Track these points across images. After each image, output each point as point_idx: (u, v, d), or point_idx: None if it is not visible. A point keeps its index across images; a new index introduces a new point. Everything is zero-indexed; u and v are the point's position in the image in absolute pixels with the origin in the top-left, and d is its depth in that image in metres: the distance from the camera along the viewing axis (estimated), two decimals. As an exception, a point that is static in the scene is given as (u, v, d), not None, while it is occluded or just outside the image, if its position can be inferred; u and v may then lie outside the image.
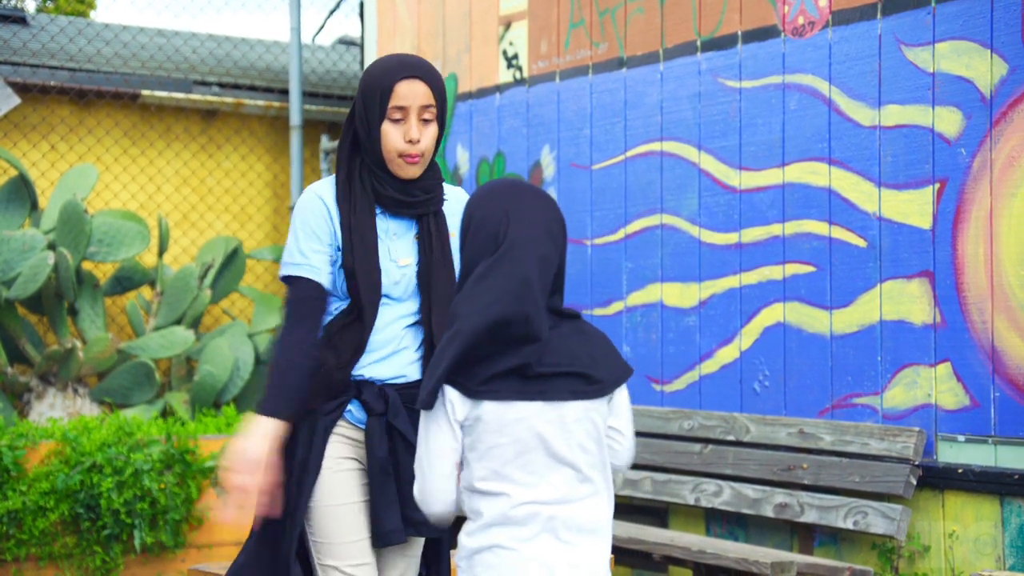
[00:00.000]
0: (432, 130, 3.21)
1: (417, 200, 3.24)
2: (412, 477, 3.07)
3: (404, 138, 3.17)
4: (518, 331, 2.67)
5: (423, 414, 2.73)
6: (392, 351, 3.22)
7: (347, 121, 3.28)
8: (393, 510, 3.14)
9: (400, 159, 3.19)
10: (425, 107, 3.19)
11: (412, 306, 3.25)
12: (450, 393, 2.70)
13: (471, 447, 2.73)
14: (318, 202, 3.23)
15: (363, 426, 3.20)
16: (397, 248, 3.24)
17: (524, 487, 2.70)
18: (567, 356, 2.72)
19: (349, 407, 3.19)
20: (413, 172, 3.21)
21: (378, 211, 3.24)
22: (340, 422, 3.19)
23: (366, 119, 3.20)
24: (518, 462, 2.70)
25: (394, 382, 3.21)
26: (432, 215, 3.27)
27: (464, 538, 2.76)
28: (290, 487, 3.14)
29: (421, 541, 3.29)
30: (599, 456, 2.76)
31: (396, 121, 3.18)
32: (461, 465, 2.76)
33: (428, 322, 3.24)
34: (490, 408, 2.69)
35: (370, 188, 3.23)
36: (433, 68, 3.22)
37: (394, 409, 3.18)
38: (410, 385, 3.23)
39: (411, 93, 3.17)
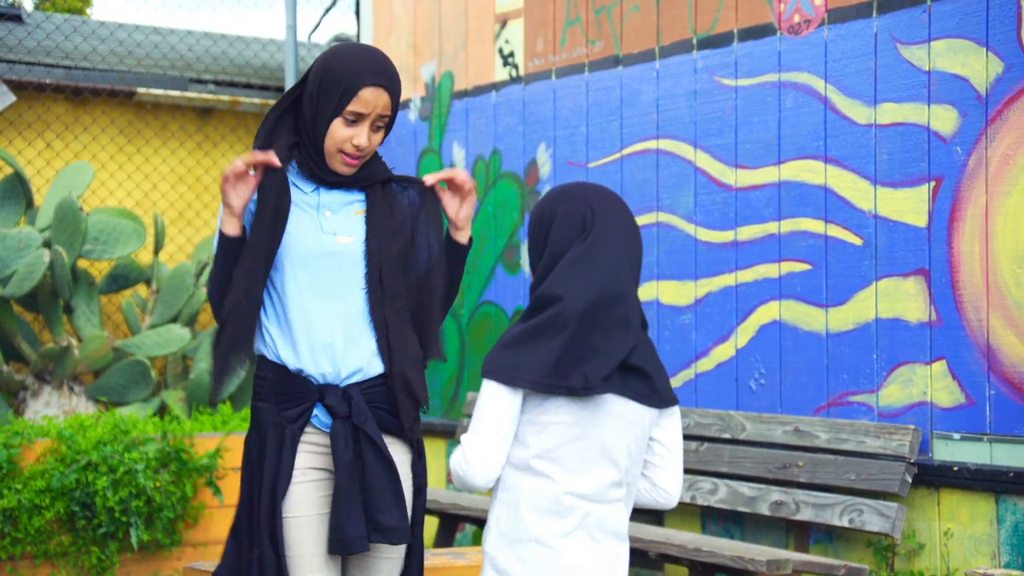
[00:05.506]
0: (379, 136, 3.15)
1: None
2: (380, 482, 3.04)
3: (352, 141, 3.10)
4: (617, 311, 2.74)
5: (488, 381, 2.75)
6: (343, 348, 3.10)
7: (286, 95, 3.18)
8: (357, 516, 3.04)
9: (340, 156, 3.12)
10: (381, 116, 3.12)
11: (356, 292, 3.13)
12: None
13: (530, 421, 2.77)
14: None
15: (329, 430, 3.10)
16: (332, 223, 3.14)
17: (571, 475, 2.74)
18: (640, 356, 2.80)
19: (315, 411, 3.10)
20: (349, 171, 3.14)
21: (312, 188, 3.16)
22: (307, 428, 3.10)
23: (316, 107, 3.11)
24: (573, 446, 2.75)
25: (353, 380, 3.11)
26: (380, 185, 3.18)
27: (497, 523, 2.78)
28: (263, 497, 3.06)
29: (402, 547, 3.18)
30: (636, 466, 2.83)
31: (350, 122, 3.10)
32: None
33: (380, 305, 3.13)
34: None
35: (293, 156, 3.16)
36: (397, 75, 3.16)
37: (359, 412, 3.07)
38: (372, 382, 3.13)
39: (374, 101, 3.09)
